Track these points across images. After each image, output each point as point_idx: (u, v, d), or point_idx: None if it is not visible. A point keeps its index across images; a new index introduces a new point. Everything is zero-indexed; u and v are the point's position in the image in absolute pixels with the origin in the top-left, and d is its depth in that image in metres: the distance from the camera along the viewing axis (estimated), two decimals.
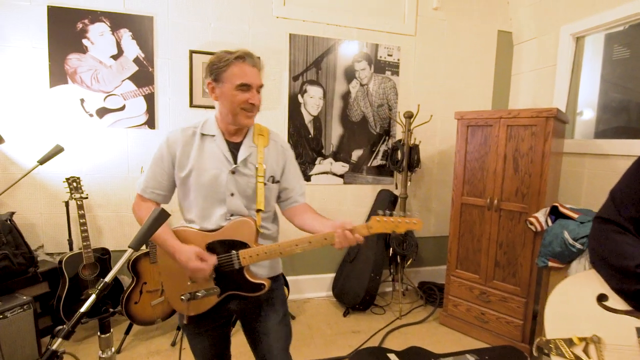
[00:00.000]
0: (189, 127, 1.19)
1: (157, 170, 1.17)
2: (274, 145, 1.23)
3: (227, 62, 1.07)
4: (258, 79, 1.12)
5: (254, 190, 1.16)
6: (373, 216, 1.08)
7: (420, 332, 2.45)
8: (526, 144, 2.10)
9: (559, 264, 1.93)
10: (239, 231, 1.13)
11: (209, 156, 1.15)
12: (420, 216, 3.15)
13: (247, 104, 1.10)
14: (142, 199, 1.20)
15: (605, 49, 2.69)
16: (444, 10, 2.96)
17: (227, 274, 1.12)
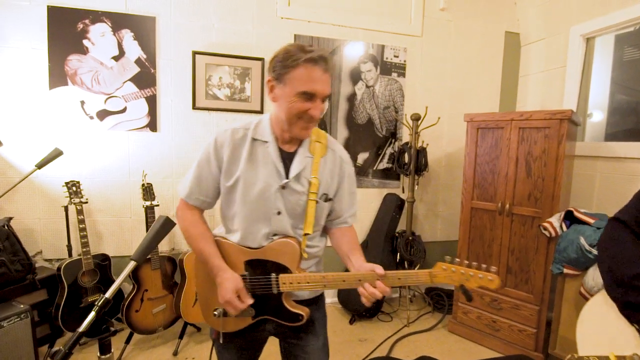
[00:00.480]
0: (238, 127, 1.05)
1: (203, 174, 1.06)
2: (332, 156, 1.08)
3: (295, 63, 0.90)
4: (326, 88, 0.94)
5: (304, 208, 1.03)
6: (439, 262, 0.92)
7: (429, 340, 2.38)
8: (539, 147, 2.04)
9: (574, 271, 1.87)
10: (281, 253, 1.02)
11: (259, 166, 1.02)
12: (427, 221, 3.08)
13: (306, 115, 0.94)
14: (188, 206, 1.10)
15: (616, 50, 2.65)
16: (450, 11, 2.91)
17: (265, 297, 1.03)
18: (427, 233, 3.07)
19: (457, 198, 3.05)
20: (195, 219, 1.09)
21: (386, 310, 2.74)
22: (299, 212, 1.03)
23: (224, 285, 0.98)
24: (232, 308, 0.98)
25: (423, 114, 2.67)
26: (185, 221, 1.09)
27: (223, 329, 1.07)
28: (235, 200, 1.04)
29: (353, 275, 0.95)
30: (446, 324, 2.55)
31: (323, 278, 0.98)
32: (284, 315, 1.03)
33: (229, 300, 0.97)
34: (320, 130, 1.10)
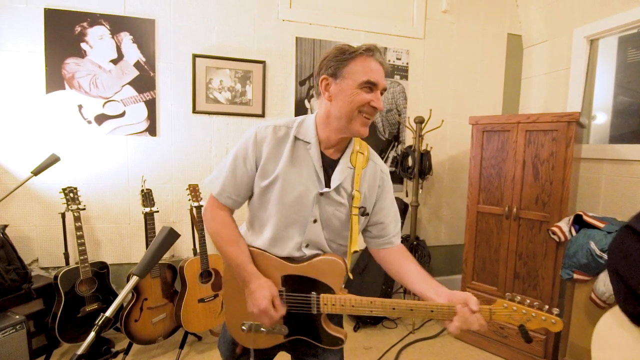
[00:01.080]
0: (281, 124, 0.99)
1: (239, 171, 0.97)
2: (373, 168, 1.02)
3: (353, 55, 0.89)
4: (383, 79, 0.92)
5: (341, 221, 0.97)
6: (500, 299, 0.85)
7: (435, 347, 2.34)
8: (546, 150, 2.01)
9: (585, 276, 1.83)
10: (325, 272, 0.94)
11: (299, 168, 0.95)
12: (431, 225, 3.05)
13: (369, 107, 0.90)
14: (219, 206, 1.01)
15: (619, 52, 2.63)
16: (452, 13, 2.89)
17: (301, 316, 0.96)
18: (431, 237, 3.03)
19: (461, 201, 3.02)
20: (227, 220, 1.01)
21: (391, 317, 2.69)
22: (335, 224, 0.97)
23: (258, 292, 0.90)
24: (267, 317, 0.90)
25: (426, 116, 2.64)
26: (217, 222, 1.01)
27: (252, 344, 0.99)
28: (270, 202, 0.96)
29: (424, 305, 0.86)
30: None
31: (370, 303, 0.89)
32: (322, 338, 0.96)
33: (265, 309, 0.89)
34: (363, 141, 1.04)
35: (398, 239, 1.06)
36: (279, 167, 0.94)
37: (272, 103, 2.59)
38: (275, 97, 2.60)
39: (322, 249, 0.98)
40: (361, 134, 0.94)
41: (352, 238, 0.95)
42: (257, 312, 0.90)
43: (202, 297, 2.19)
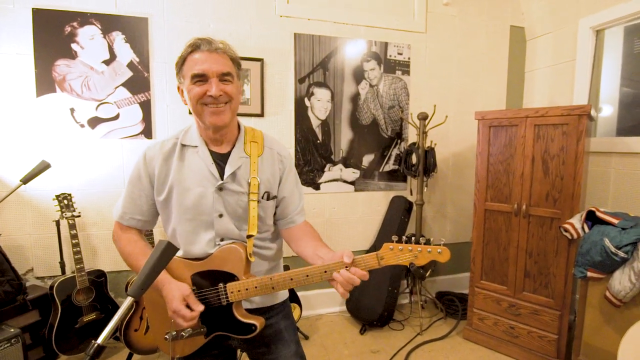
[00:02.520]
0: (169, 138, 1.02)
1: (135, 192, 1.00)
2: (269, 154, 1.04)
3: (183, 57, 0.93)
4: (216, 65, 0.90)
5: (246, 209, 0.98)
6: (386, 243, 0.88)
7: (444, 349, 2.28)
8: (557, 145, 1.94)
9: (599, 274, 1.77)
10: (227, 260, 0.95)
11: (190, 171, 0.97)
12: (436, 223, 2.98)
13: (207, 97, 0.91)
14: (121, 228, 1.03)
15: (625, 42, 2.56)
16: (454, 6, 2.82)
17: (215, 310, 0.96)
18: (437, 236, 2.97)
19: (466, 199, 2.96)
20: (133, 238, 1.03)
21: (397, 318, 2.63)
22: (240, 213, 0.99)
23: (169, 295, 0.91)
24: (181, 318, 0.89)
25: (429, 112, 2.58)
26: (122, 241, 1.02)
27: (178, 353, 0.98)
28: (172, 212, 0.99)
29: (317, 267, 0.88)
30: (461, 331, 2.45)
31: (270, 280, 0.92)
32: (236, 328, 0.96)
33: (177, 310, 0.89)
34: (255, 130, 1.07)
35: (301, 217, 1.09)
36: (170, 177, 0.97)
37: (271, 102, 2.52)
38: (274, 96, 2.52)
39: (236, 238, 0.99)
40: (216, 124, 0.94)
41: (250, 223, 0.97)
42: (171, 314, 0.91)
43: None
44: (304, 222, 1.10)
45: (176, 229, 1.00)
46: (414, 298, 2.78)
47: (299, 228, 1.07)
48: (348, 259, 0.85)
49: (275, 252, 1.10)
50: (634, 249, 1.65)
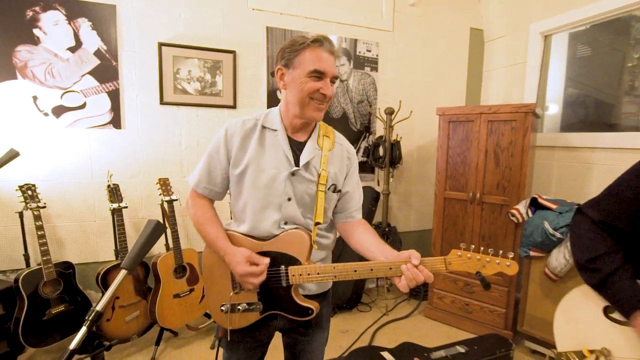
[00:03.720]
0: (250, 118, 1.07)
1: (212, 163, 1.06)
2: (340, 150, 1.10)
3: (303, 46, 0.96)
4: (333, 68, 0.99)
5: (313, 198, 1.04)
6: (454, 249, 0.90)
7: (407, 326, 2.47)
8: (506, 139, 2.16)
9: (540, 253, 2.01)
10: (291, 244, 1.00)
11: (268, 153, 1.03)
12: (401, 212, 3.17)
13: (318, 94, 0.97)
14: (197, 195, 1.11)
15: (570, 47, 2.85)
16: (419, 7, 2.98)
17: (273, 290, 1.01)
18: (401, 224, 3.16)
19: (429, 189, 3.17)
20: (205, 205, 1.10)
21: (365, 301, 2.80)
22: (307, 200, 1.04)
23: (234, 260, 0.97)
24: (252, 277, 0.96)
25: (396, 107, 2.73)
26: (195, 207, 1.09)
27: (232, 325, 1.03)
28: (245, 188, 1.04)
29: (383, 263, 0.92)
30: (422, 310, 2.65)
31: (333, 268, 0.96)
32: (294, 310, 1.01)
33: (244, 272, 0.95)
34: (328, 126, 1.12)
35: (359, 214, 1.15)
36: (248, 155, 1.02)
37: (243, 94, 2.56)
38: (247, 88, 2.56)
39: (299, 224, 1.04)
40: (315, 119, 1.02)
41: (317, 211, 1.03)
42: (240, 278, 0.97)
43: (178, 293, 2.16)
44: (362, 219, 1.15)
45: (247, 203, 1.04)
46: (380, 282, 2.96)
47: (358, 224, 1.12)
48: (416, 261, 0.87)
49: (331, 241, 1.15)
50: (568, 231, 1.89)
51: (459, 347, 2.03)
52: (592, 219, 1.01)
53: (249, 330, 1.06)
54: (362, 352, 1.98)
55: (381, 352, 1.94)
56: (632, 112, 2.79)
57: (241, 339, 1.08)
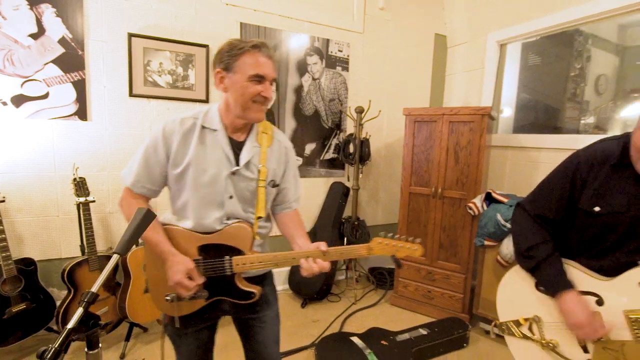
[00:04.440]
0: (187, 117, 1.07)
1: (150, 162, 1.06)
2: (278, 146, 1.15)
3: (242, 50, 0.99)
4: (273, 71, 1.03)
5: (253, 193, 1.10)
6: (375, 237, 1.06)
7: (374, 314, 2.62)
8: (465, 139, 2.35)
9: (493, 242, 2.22)
10: (234, 237, 1.07)
11: (209, 153, 1.06)
12: (370, 206, 3.32)
13: (260, 97, 1.01)
14: (132, 195, 1.09)
15: (522, 56, 3.12)
16: (389, 11, 3.12)
17: (218, 278, 1.07)
18: (370, 217, 3.31)
19: (395, 185, 3.34)
20: (140, 205, 1.08)
21: (335, 292, 2.91)
22: (248, 196, 1.10)
23: (173, 268, 1.00)
24: (183, 289, 1.01)
25: (365, 106, 2.86)
26: (131, 209, 1.06)
27: (178, 312, 1.09)
28: (186, 187, 1.06)
29: (302, 253, 1.05)
30: (388, 298, 2.82)
31: (274, 257, 1.06)
32: (238, 294, 1.09)
33: (179, 282, 0.99)
34: (267, 122, 1.16)
35: (296, 204, 1.23)
36: (189, 155, 1.04)
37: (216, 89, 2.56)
38: None
39: (241, 218, 1.10)
40: (258, 120, 1.08)
41: (259, 206, 1.10)
42: (173, 285, 1.01)
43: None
44: (296, 209, 1.23)
45: (189, 201, 1.06)
46: (350, 274, 3.09)
47: (292, 214, 1.21)
48: (324, 248, 1.03)
49: (268, 230, 1.22)
50: None
51: (421, 329, 2.21)
52: (529, 213, 1.16)
53: (195, 315, 1.11)
54: (332, 338, 2.09)
55: (351, 337, 2.06)
56: (573, 117, 3.12)
57: (189, 324, 1.13)
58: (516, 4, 2.81)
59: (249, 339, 1.22)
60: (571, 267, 1.09)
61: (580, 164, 1.05)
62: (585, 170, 1.04)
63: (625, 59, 3.35)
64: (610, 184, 1.00)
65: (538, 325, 1.11)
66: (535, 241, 1.11)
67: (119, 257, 0.72)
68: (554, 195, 1.10)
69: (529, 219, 1.15)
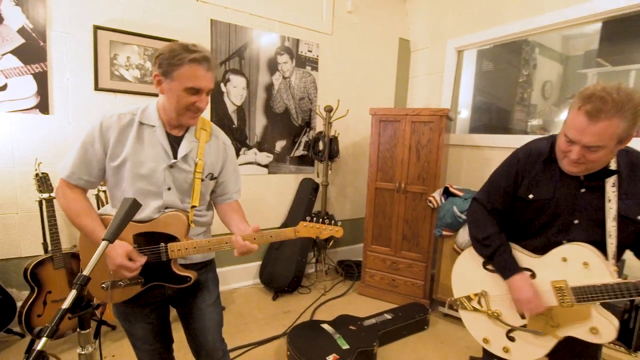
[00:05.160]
0: (125, 113, 1.11)
1: (88, 155, 1.08)
2: (216, 142, 1.22)
3: (180, 62, 1.02)
4: (210, 84, 1.08)
5: (191, 185, 1.16)
6: (301, 221, 1.19)
7: (343, 303, 2.75)
8: (426, 137, 2.54)
9: (450, 232, 2.43)
10: (170, 224, 1.12)
11: (146, 148, 1.10)
12: (338, 202, 3.45)
13: (194, 107, 1.08)
14: (69, 186, 1.11)
15: (477, 61, 3.39)
16: (356, 14, 3.25)
17: (154, 265, 1.12)
18: (338, 212, 3.45)
19: (362, 181, 3.50)
20: (76, 196, 1.12)
21: (305, 284, 3.02)
22: (185, 187, 1.16)
23: (112, 252, 1.03)
24: (126, 270, 1.04)
25: (334, 106, 2.97)
26: (67, 199, 1.10)
27: (116, 299, 1.13)
28: (124, 179, 1.10)
29: (234, 237, 1.13)
30: (356, 288, 2.97)
31: (208, 242, 1.14)
32: (173, 279, 1.15)
33: (121, 264, 1.02)
34: (205, 119, 1.23)
35: (237, 195, 1.32)
36: (126, 150, 1.08)
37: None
38: None
39: (178, 208, 1.16)
40: (190, 125, 1.15)
41: (194, 197, 1.17)
42: (115, 268, 1.04)
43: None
44: (237, 201, 1.31)
45: (126, 192, 1.10)
46: (319, 267, 3.21)
47: (233, 204, 1.29)
48: (255, 231, 1.13)
49: (209, 218, 1.29)
50: None
51: (386, 314, 2.37)
52: (485, 207, 1.32)
53: (135, 300, 1.15)
54: (304, 326, 2.20)
55: (321, 325, 2.17)
56: (521, 119, 3.44)
57: (130, 309, 1.18)
58: (472, 15, 3.06)
59: (189, 327, 1.27)
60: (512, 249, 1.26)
61: (519, 161, 1.23)
62: (522, 165, 1.22)
63: (568, 67, 3.75)
64: (541, 176, 1.18)
65: (485, 298, 1.28)
66: (490, 232, 1.26)
67: (108, 243, 0.77)
68: (501, 190, 1.27)
69: (485, 212, 1.31)
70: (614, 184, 1.06)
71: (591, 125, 0.95)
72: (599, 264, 1.06)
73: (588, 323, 1.08)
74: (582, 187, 1.12)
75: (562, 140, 1.07)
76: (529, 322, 1.20)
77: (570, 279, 1.10)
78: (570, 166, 1.07)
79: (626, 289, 0.99)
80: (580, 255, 1.10)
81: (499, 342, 1.24)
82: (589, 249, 1.08)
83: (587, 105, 0.95)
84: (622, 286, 1.00)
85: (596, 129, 0.95)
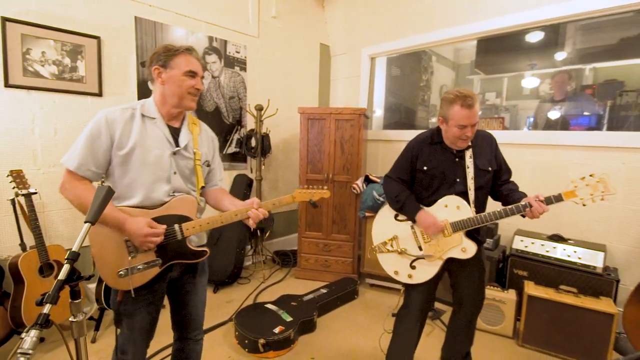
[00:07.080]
0: (126, 107, 1.23)
1: (94, 146, 1.16)
2: (206, 135, 1.40)
3: (177, 52, 1.22)
4: (202, 70, 1.28)
5: (192, 171, 1.31)
6: (296, 189, 1.43)
7: (282, 287, 2.98)
8: (348, 133, 2.91)
9: (371, 213, 2.84)
10: (182, 206, 1.26)
11: (151, 137, 1.22)
12: (271, 196, 3.66)
13: (194, 89, 1.25)
14: (77, 178, 1.17)
15: (387, 67, 3.91)
16: (280, 19, 3.48)
17: (169, 245, 1.23)
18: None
19: (293, 174, 3.76)
20: (87, 187, 1.19)
21: (244, 275, 3.16)
22: (187, 173, 1.31)
23: (135, 225, 1.13)
24: (153, 236, 1.15)
25: (264, 105, 3.17)
26: (77, 189, 1.16)
27: (136, 283, 1.20)
28: (133, 167, 1.20)
29: (243, 209, 1.30)
30: (293, 274, 3.22)
31: (220, 217, 1.29)
32: (191, 255, 1.29)
33: (148, 233, 1.14)
34: (193, 116, 1.40)
35: (221, 183, 1.50)
36: (133, 138, 1.19)
37: (110, 82, 2.49)
38: (114, 77, 2.51)
39: (184, 191, 1.30)
40: (191, 108, 1.30)
41: (198, 180, 1.33)
42: (142, 240, 1.14)
43: (46, 292, 2.02)
44: (221, 187, 1.49)
45: (136, 179, 1.20)
46: (257, 258, 3.38)
47: (220, 189, 1.46)
48: (257, 205, 1.30)
49: (203, 204, 1.42)
50: None
51: (322, 289, 2.68)
52: (393, 178, 1.72)
53: (148, 286, 1.25)
54: (249, 309, 2.37)
55: (265, 305, 2.38)
56: (423, 117, 4.09)
57: (141, 297, 1.23)
58: (381, 27, 3.54)
59: (182, 304, 1.39)
60: None
61: (413, 147, 1.67)
62: (415, 149, 1.66)
63: (459, 73, 4.55)
64: (429, 154, 1.64)
65: (396, 241, 1.67)
66: (399, 191, 1.68)
67: (91, 224, 0.87)
68: (404, 167, 1.68)
69: (394, 181, 1.72)
70: (471, 155, 1.58)
71: (472, 111, 1.45)
72: (465, 206, 1.55)
73: (460, 246, 1.56)
74: (456, 157, 1.60)
75: (454, 130, 1.50)
76: (425, 250, 1.61)
77: (449, 217, 1.57)
78: (464, 143, 1.54)
79: (477, 221, 1.51)
80: (454, 202, 1.57)
81: (405, 272, 1.65)
82: (459, 198, 1.57)
83: (464, 101, 1.45)
84: (475, 219, 1.52)
85: (474, 112, 1.46)
